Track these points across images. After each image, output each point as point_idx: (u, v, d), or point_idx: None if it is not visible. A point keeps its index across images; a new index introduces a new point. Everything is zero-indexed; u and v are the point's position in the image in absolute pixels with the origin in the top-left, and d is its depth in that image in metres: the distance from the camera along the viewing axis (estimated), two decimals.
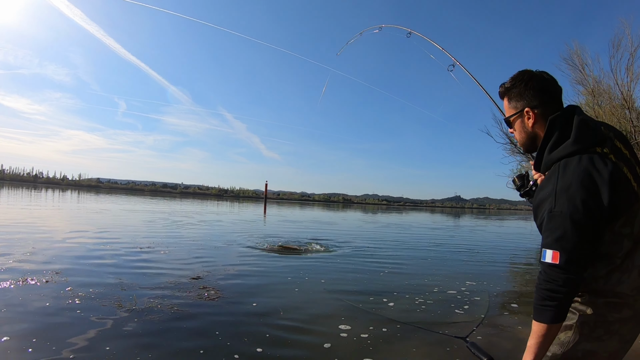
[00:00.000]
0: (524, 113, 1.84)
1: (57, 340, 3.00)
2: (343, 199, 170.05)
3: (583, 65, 21.65)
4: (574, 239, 1.57)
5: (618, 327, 1.66)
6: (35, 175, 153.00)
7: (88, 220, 13.43)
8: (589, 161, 1.62)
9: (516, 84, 1.85)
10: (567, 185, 1.60)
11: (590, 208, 1.57)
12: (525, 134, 1.87)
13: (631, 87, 19.56)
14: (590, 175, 1.59)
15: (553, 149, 1.73)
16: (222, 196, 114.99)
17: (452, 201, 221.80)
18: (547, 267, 1.63)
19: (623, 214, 1.60)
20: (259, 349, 3.10)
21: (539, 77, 1.84)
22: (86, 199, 33.54)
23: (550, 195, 1.65)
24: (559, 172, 1.66)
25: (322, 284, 5.52)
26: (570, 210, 1.57)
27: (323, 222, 21.28)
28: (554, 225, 1.61)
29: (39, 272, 5.11)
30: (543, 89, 1.83)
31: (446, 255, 9.55)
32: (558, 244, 1.60)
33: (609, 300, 1.67)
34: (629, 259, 1.64)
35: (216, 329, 3.47)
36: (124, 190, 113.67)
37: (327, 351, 3.17)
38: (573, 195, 1.58)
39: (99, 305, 3.94)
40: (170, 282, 5.02)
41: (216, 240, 9.62)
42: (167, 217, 17.42)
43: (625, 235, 1.62)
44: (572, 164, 1.64)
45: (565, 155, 1.68)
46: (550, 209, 1.63)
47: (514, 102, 1.88)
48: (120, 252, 7.20)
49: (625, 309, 1.65)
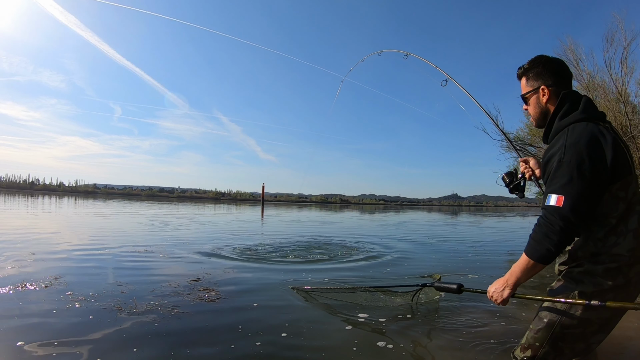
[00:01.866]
0: (539, 90, 2.11)
1: (56, 344, 2.99)
2: (340, 199, 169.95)
3: (577, 60, 21.66)
4: (579, 186, 1.75)
5: (612, 297, 1.80)
6: (32, 182, 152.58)
7: (86, 226, 13.37)
8: (594, 126, 1.85)
9: (535, 65, 2.14)
10: (576, 141, 1.79)
11: (595, 162, 1.76)
12: (539, 109, 2.14)
13: (625, 81, 19.54)
14: (596, 136, 1.81)
15: (563, 117, 1.96)
16: (219, 199, 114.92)
17: (450, 199, 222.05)
18: (550, 209, 1.80)
19: (620, 179, 1.80)
20: (261, 350, 3.09)
21: (555, 61, 2.13)
22: (83, 204, 33.47)
23: (560, 149, 1.82)
24: (568, 132, 1.86)
25: (322, 282, 5.50)
26: (578, 160, 1.76)
27: (332, 223, 21.25)
28: (562, 173, 1.79)
29: (38, 277, 5.09)
30: (558, 71, 2.10)
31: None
32: (564, 189, 1.77)
33: (608, 266, 1.81)
34: (623, 223, 1.81)
35: (217, 331, 3.46)
36: (121, 195, 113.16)
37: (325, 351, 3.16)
38: (581, 149, 1.77)
39: (99, 308, 3.92)
40: (170, 285, 5.00)
41: (215, 242, 9.59)
42: (165, 220, 17.37)
43: (621, 198, 1.81)
44: (581, 126, 1.85)
45: (574, 121, 1.90)
46: (559, 159, 1.80)
47: (531, 81, 2.16)
48: (119, 255, 7.19)
49: (620, 277, 1.80)
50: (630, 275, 1.80)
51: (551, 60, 2.12)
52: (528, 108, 2.21)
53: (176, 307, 4.06)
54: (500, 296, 2.02)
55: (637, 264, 1.80)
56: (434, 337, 3.49)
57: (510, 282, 1.98)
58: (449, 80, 3.97)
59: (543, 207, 1.85)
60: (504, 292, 2.01)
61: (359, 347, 3.22)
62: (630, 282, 1.81)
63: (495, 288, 2.06)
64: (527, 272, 1.92)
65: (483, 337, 3.45)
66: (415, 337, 3.49)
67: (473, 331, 3.59)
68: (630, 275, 1.80)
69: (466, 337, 3.45)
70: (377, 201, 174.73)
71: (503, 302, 2.03)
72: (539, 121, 2.16)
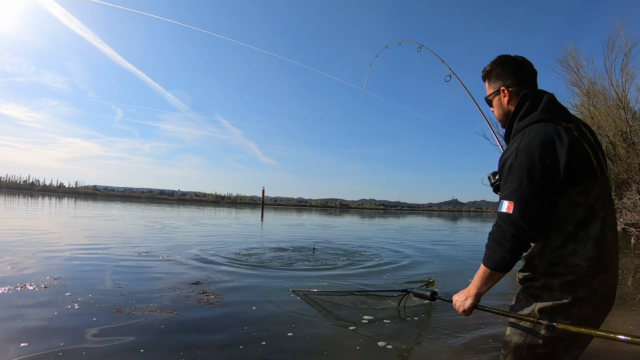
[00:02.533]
0: (500, 91, 2.05)
1: (55, 345, 2.99)
2: (340, 204, 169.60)
3: (578, 66, 21.83)
4: (528, 192, 1.68)
5: (577, 311, 1.70)
6: (32, 183, 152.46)
7: (85, 227, 13.37)
8: (552, 127, 1.74)
9: (494, 67, 2.08)
10: (529, 144, 1.71)
11: (547, 166, 1.67)
12: (502, 110, 2.07)
13: (626, 87, 19.74)
14: (551, 138, 1.70)
15: (521, 119, 1.87)
16: (219, 202, 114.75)
17: (450, 205, 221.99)
18: (501, 216, 1.74)
19: (580, 183, 1.68)
20: (262, 352, 3.10)
21: (514, 60, 2.05)
22: (83, 206, 33.43)
23: (512, 153, 1.75)
24: (523, 134, 1.78)
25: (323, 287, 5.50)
26: (528, 165, 1.68)
27: (332, 227, 21.22)
28: (512, 178, 1.73)
29: (38, 278, 5.10)
30: (517, 71, 2.03)
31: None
32: (513, 195, 1.71)
33: (564, 279, 1.70)
34: (583, 229, 1.69)
35: (216, 334, 3.47)
36: (121, 197, 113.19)
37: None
38: (532, 153, 1.68)
39: (98, 310, 3.93)
40: (169, 287, 5.01)
41: (215, 246, 9.60)
42: (164, 223, 17.36)
43: (580, 204, 1.69)
44: (536, 127, 1.76)
45: (531, 123, 1.81)
46: (510, 163, 1.74)
47: (492, 83, 2.10)
48: (119, 257, 7.19)
49: (581, 289, 1.69)
50: (595, 286, 1.69)
51: (511, 59, 2.05)
52: (493, 111, 2.15)
53: (175, 309, 4.07)
54: (463, 306, 1.99)
55: (602, 273, 1.70)
56: (435, 338, 3.52)
57: (472, 292, 1.95)
58: (452, 76, 4.02)
59: (497, 212, 1.80)
60: (466, 303, 1.97)
61: (361, 346, 3.28)
62: (596, 292, 1.70)
63: (459, 298, 2.02)
64: (485, 281, 1.87)
65: (482, 338, 3.50)
66: (416, 337, 3.53)
67: (473, 331, 3.62)
68: (594, 285, 1.69)
69: (465, 338, 3.48)
70: (377, 206, 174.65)
71: (465, 313, 2.00)
72: (503, 122, 2.08)
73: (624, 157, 19.69)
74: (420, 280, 5.95)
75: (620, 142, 19.67)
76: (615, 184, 19.22)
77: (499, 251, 1.76)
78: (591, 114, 20.74)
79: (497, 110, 2.10)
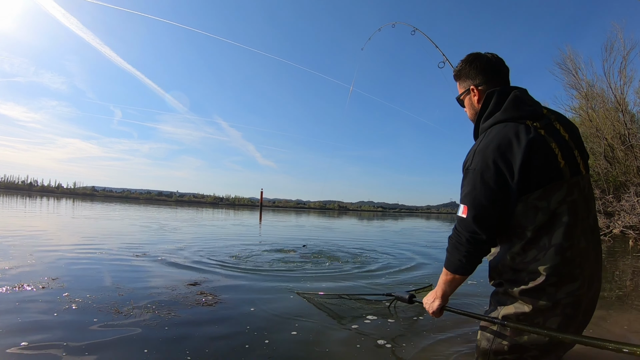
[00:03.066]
0: (470, 90, 2.00)
1: (53, 346, 2.99)
2: (339, 206, 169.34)
3: (576, 69, 21.95)
4: (481, 196, 1.64)
5: (541, 320, 1.64)
6: (30, 184, 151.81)
7: (84, 228, 13.36)
8: (511, 128, 1.67)
9: (463, 66, 2.02)
10: (485, 146, 1.66)
11: (500, 169, 1.61)
12: (473, 110, 2.01)
13: (624, 90, 19.88)
14: (508, 140, 1.63)
15: (486, 119, 1.82)
16: (218, 204, 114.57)
17: (448, 207, 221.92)
18: (457, 220, 1.74)
19: (540, 187, 1.60)
20: (267, 351, 3.11)
21: (483, 57, 1.99)
22: (81, 207, 33.36)
23: (470, 155, 1.73)
24: (483, 136, 1.74)
25: (321, 288, 5.50)
26: (482, 168, 1.64)
27: (331, 229, 21.20)
28: (467, 182, 1.71)
29: (35, 279, 5.08)
30: (486, 69, 1.96)
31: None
32: (467, 199, 1.69)
33: (524, 288, 1.65)
34: (545, 235, 1.61)
35: (213, 334, 3.46)
36: (119, 198, 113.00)
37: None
38: (487, 155, 1.63)
39: (96, 310, 3.92)
40: (167, 288, 5.00)
41: (213, 247, 9.57)
42: (162, 224, 17.34)
43: (540, 209, 1.60)
44: (497, 128, 1.71)
45: (494, 123, 1.75)
46: (467, 166, 1.71)
47: (462, 82, 2.05)
48: (117, 258, 7.18)
49: (543, 299, 1.62)
50: (559, 297, 1.60)
51: (480, 57, 1.98)
52: (466, 111, 2.09)
53: (173, 310, 4.06)
54: (431, 308, 2.01)
55: (567, 283, 1.60)
56: (436, 339, 3.50)
57: (439, 294, 1.95)
58: (446, 63, 3.99)
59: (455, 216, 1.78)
60: (434, 304, 1.98)
61: (362, 344, 3.31)
62: (560, 303, 1.60)
63: (427, 300, 2.04)
64: (449, 284, 1.88)
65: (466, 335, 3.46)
66: (416, 337, 3.51)
67: (471, 332, 3.60)
68: (558, 296, 1.60)
69: (464, 338, 3.46)
70: (376, 208, 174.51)
71: (434, 314, 2.01)
72: (476, 122, 1.98)
73: (622, 159, 19.76)
74: (415, 283, 5.96)
75: (619, 145, 19.74)
76: (614, 187, 19.27)
77: (456, 255, 1.76)
78: (589, 117, 20.80)
79: (469, 111, 2.06)
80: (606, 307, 4.78)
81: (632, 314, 4.64)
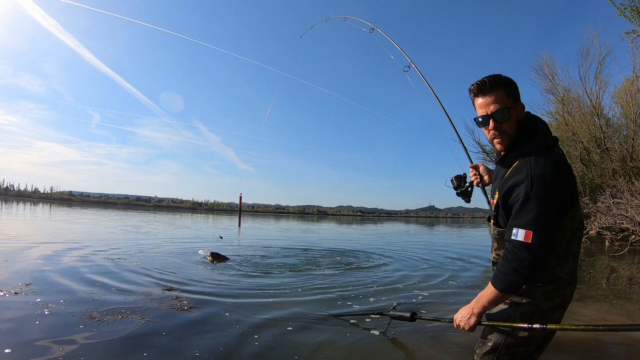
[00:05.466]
0: (520, 105, 1.98)
1: (23, 353, 2.91)
2: (318, 210, 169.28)
3: (553, 74, 22.40)
4: (546, 222, 1.73)
5: (550, 315, 1.90)
6: (7, 188, 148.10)
7: (59, 233, 13.06)
8: (557, 156, 1.83)
9: (510, 81, 1.98)
10: (543, 173, 1.74)
11: (562, 195, 1.76)
12: (516, 125, 1.96)
13: (600, 95, 20.37)
14: (561, 168, 1.77)
15: (524, 143, 1.89)
16: (196, 209, 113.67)
17: (427, 211, 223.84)
18: (517, 244, 1.76)
19: (571, 209, 1.82)
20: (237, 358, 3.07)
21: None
22: (58, 212, 32.72)
23: (525, 180, 1.77)
24: (530, 162, 1.80)
25: (299, 292, 5.46)
26: (547, 195, 1.72)
27: (312, 231, 21.13)
28: (530, 207, 1.74)
29: (8, 284, 4.94)
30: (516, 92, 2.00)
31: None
32: (532, 225, 1.73)
33: (545, 289, 1.88)
34: (564, 247, 1.86)
35: (186, 339, 3.40)
36: (97, 203, 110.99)
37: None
38: (550, 182, 1.73)
39: (69, 316, 3.82)
40: (142, 293, 4.91)
41: (191, 252, 9.42)
42: (139, 229, 17.07)
43: (569, 228, 1.84)
44: (544, 156, 1.80)
45: (535, 149, 1.85)
46: (526, 191, 1.75)
47: (513, 94, 1.97)
48: (92, 263, 7.00)
49: (557, 297, 1.89)
50: (566, 294, 1.91)
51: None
52: (500, 126, 1.94)
53: (147, 315, 3.98)
54: (468, 324, 2.03)
55: (573, 283, 1.93)
56: (437, 339, 3.49)
57: (477, 310, 2.00)
58: (411, 66, 3.84)
59: (508, 239, 1.80)
60: (471, 320, 2.02)
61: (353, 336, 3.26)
62: (566, 300, 1.93)
63: (462, 316, 2.07)
64: (494, 302, 1.94)
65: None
66: (415, 337, 3.53)
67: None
68: (565, 294, 1.91)
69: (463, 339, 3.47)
70: (355, 212, 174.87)
71: (470, 329, 2.05)
72: (511, 138, 1.95)
73: (597, 162, 20.19)
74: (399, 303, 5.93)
75: (595, 148, 20.16)
76: (590, 189, 19.66)
77: (514, 277, 1.79)
78: (566, 121, 21.21)
79: (512, 125, 1.95)
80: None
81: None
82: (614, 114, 21.53)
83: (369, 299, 5.12)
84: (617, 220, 14.31)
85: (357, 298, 5.16)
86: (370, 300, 5.05)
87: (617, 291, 6.40)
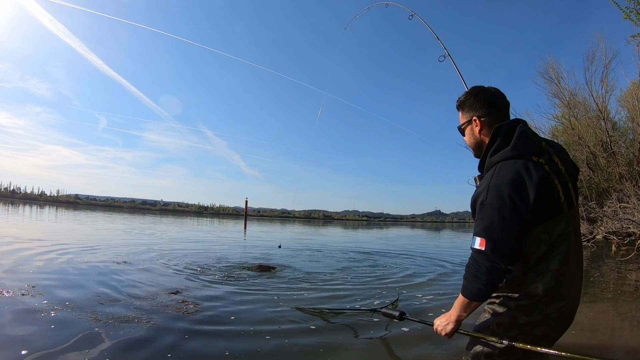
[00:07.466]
0: (472, 121, 2.14)
1: (29, 354, 2.91)
2: (324, 215, 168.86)
3: (558, 78, 22.27)
4: (499, 229, 1.78)
5: (532, 329, 1.87)
6: (13, 191, 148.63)
7: (66, 236, 13.10)
8: (522, 164, 1.83)
9: (467, 97, 2.16)
10: (499, 182, 1.80)
11: (516, 204, 1.76)
12: (474, 139, 2.16)
13: (606, 98, 20.22)
14: (520, 176, 1.79)
15: (494, 154, 1.96)
16: (202, 213, 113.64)
17: (433, 216, 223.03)
18: (475, 252, 1.85)
19: (544, 221, 1.80)
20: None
21: (487, 91, 2.14)
22: (64, 214, 32.87)
23: (483, 190, 1.85)
24: (494, 172, 1.87)
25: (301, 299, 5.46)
26: (498, 203, 1.78)
27: (317, 236, 21.10)
28: (483, 216, 1.83)
29: (15, 286, 4.97)
30: (488, 102, 2.11)
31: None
32: (485, 233, 1.81)
33: (519, 303, 1.87)
34: (543, 262, 1.83)
35: (193, 344, 3.41)
36: (103, 206, 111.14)
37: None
38: (502, 191, 1.78)
39: (75, 318, 3.84)
40: (148, 296, 4.92)
41: (196, 255, 9.49)
42: (145, 232, 17.15)
43: (543, 241, 1.82)
44: (507, 165, 1.85)
45: (503, 159, 1.89)
46: (482, 201, 1.83)
47: (465, 113, 2.18)
48: (98, 266, 7.03)
49: (535, 313, 1.85)
50: (548, 312, 1.84)
51: (484, 90, 2.14)
52: (465, 139, 2.24)
53: (152, 319, 4.00)
54: (444, 330, 2.07)
55: (557, 301, 1.84)
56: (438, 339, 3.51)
57: (453, 318, 2.03)
58: (446, 57, 3.93)
59: (471, 247, 1.88)
60: (447, 327, 2.06)
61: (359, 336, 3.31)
62: (549, 317, 1.85)
63: (440, 322, 2.12)
64: (465, 309, 1.98)
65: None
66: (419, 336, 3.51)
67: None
68: (548, 311, 1.84)
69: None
70: (360, 217, 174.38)
71: (447, 336, 2.08)
72: (475, 152, 2.18)
73: (604, 166, 20.05)
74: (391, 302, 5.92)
75: (601, 152, 20.03)
76: (596, 193, 19.53)
77: (475, 283, 1.86)
78: (572, 125, 21.10)
79: (469, 139, 2.19)
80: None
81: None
82: (620, 117, 21.37)
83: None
84: (624, 225, 14.21)
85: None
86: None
87: (624, 293, 6.33)
